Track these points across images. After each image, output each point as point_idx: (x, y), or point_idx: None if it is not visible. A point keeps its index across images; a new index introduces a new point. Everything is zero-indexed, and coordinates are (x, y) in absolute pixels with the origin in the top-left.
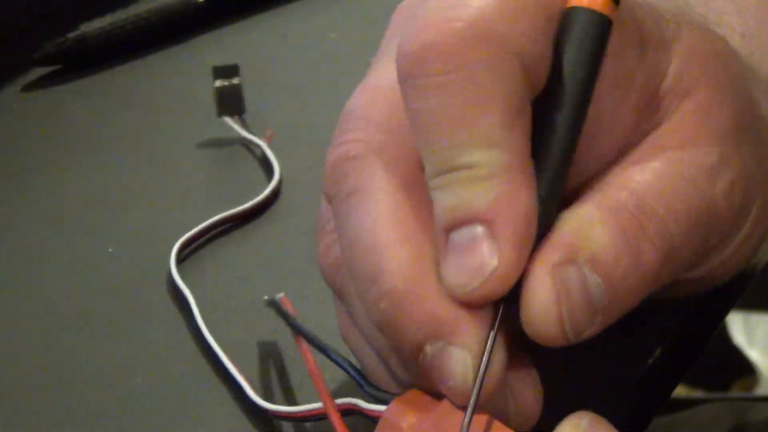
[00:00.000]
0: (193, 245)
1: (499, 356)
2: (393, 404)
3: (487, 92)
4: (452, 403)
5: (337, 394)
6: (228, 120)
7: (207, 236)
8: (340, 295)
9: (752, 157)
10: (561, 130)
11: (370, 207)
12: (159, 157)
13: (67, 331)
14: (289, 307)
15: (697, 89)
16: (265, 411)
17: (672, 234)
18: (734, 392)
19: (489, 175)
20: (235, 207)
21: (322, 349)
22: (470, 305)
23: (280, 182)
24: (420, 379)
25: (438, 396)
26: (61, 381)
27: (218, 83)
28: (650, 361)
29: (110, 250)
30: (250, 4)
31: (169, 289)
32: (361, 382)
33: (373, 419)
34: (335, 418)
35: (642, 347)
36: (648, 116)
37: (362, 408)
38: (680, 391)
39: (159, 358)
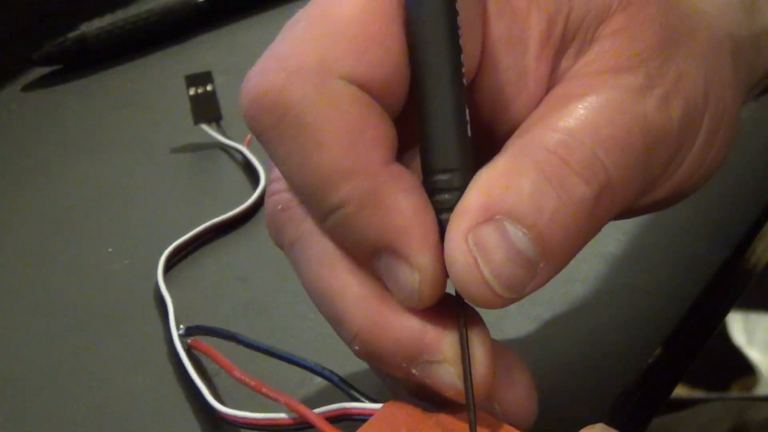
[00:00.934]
0: (184, 251)
1: (481, 352)
2: (391, 402)
3: (319, 128)
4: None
5: (319, 402)
6: (205, 127)
7: (196, 243)
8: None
9: (691, 65)
10: (438, 101)
11: (311, 256)
12: (159, 157)
13: (67, 331)
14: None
15: (612, 13)
16: (228, 420)
17: (603, 162)
18: (734, 392)
19: (360, 207)
20: (235, 204)
21: (294, 361)
22: (429, 313)
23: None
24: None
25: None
26: (60, 381)
27: (192, 91)
28: (650, 361)
29: (110, 250)
30: (250, 4)
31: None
32: (343, 386)
33: (365, 419)
34: (323, 425)
35: (642, 347)
36: (564, 55)
37: (353, 410)
38: (680, 391)
39: (155, 359)
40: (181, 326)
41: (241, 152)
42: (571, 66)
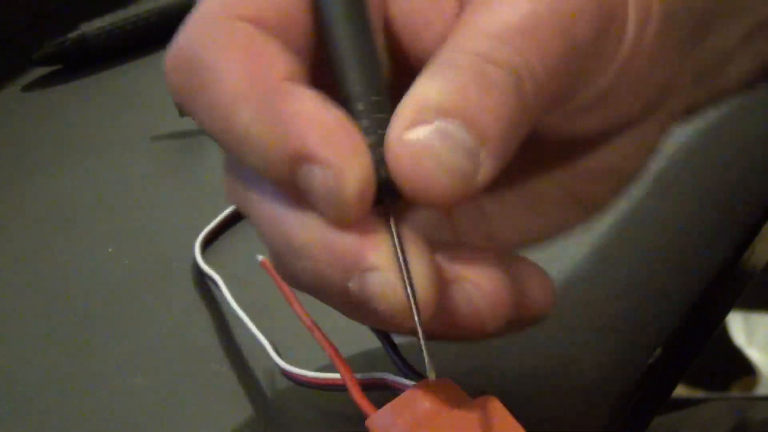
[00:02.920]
0: (213, 240)
1: (419, 263)
2: (424, 381)
3: (218, 66)
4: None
5: (366, 367)
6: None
7: (227, 226)
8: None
9: None
10: (340, 33)
11: (253, 206)
12: (159, 157)
13: (67, 331)
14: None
15: None
16: (290, 377)
17: (519, 51)
18: (734, 392)
19: (263, 123)
20: None
21: None
22: (359, 225)
23: None
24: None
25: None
26: (60, 381)
27: None
28: (650, 361)
29: (110, 250)
30: None
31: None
32: (395, 357)
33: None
34: (355, 390)
35: (642, 347)
36: None
37: (393, 382)
38: (680, 391)
39: (163, 357)
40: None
41: None
42: None
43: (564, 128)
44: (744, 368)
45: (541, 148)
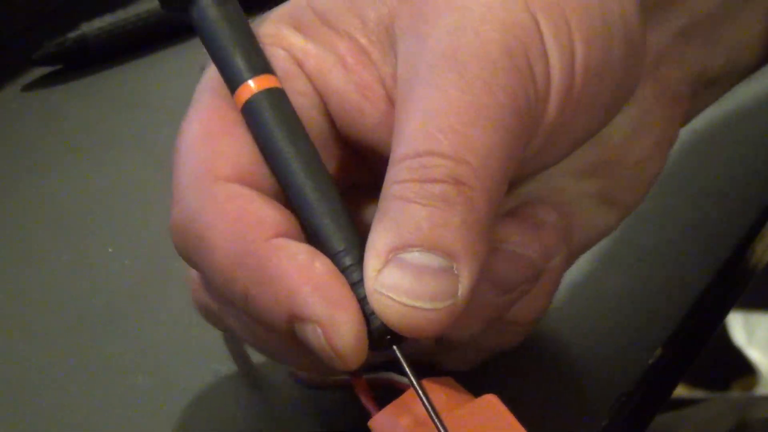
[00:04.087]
0: None
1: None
2: (426, 380)
3: (210, 234)
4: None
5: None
6: None
7: None
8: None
9: None
10: (299, 198)
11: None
12: (159, 157)
13: (67, 331)
14: None
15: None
16: (294, 377)
17: (459, 148)
18: (734, 392)
19: (256, 286)
20: None
21: None
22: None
23: None
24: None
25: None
26: (60, 381)
27: None
28: (650, 361)
29: (110, 250)
30: (249, 4)
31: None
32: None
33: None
34: (361, 389)
35: (642, 347)
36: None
37: (395, 380)
38: (680, 391)
39: (163, 357)
40: None
41: None
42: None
43: (536, 163)
44: (744, 368)
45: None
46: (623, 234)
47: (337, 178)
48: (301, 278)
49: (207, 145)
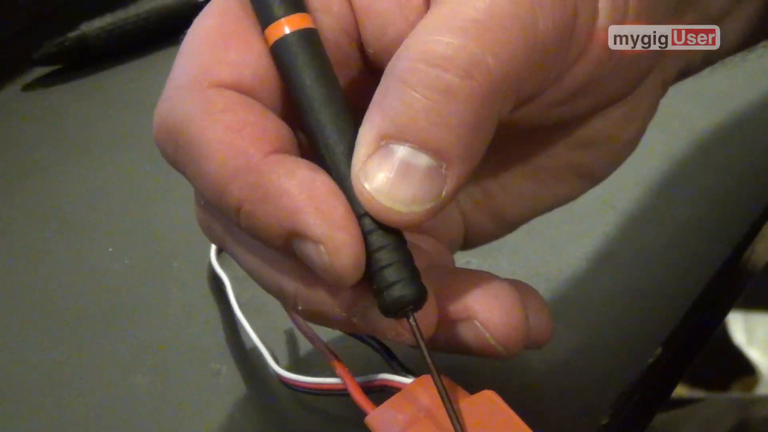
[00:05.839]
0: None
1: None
2: (420, 378)
3: (202, 140)
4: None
5: (363, 371)
6: None
7: None
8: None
9: None
10: (318, 128)
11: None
12: (159, 157)
13: (67, 331)
14: None
15: None
16: (290, 385)
17: (459, 46)
18: (734, 392)
19: (252, 202)
20: None
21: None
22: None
23: None
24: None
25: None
26: (61, 381)
27: None
28: (650, 361)
29: (110, 250)
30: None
31: (173, 285)
32: (387, 358)
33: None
34: (355, 390)
35: (642, 347)
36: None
37: (393, 382)
38: (680, 391)
39: (163, 357)
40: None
41: None
42: None
43: (550, 114)
44: (744, 368)
45: (534, 128)
46: (623, 234)
47: (358, 109)
48: (301, 196)
49: (212, 48)
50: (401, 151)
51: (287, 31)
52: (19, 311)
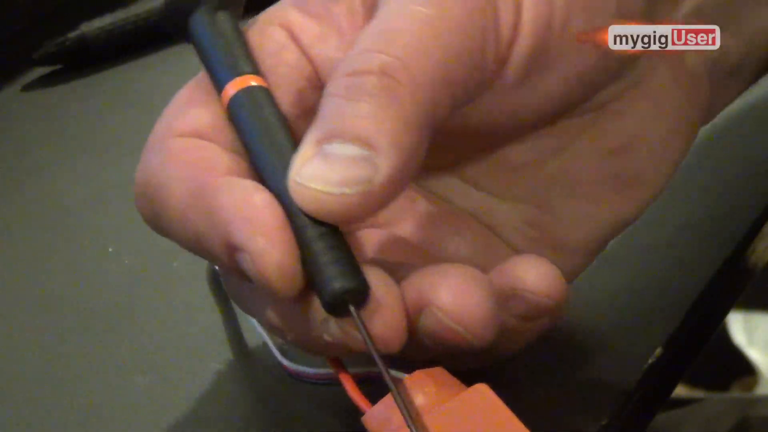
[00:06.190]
0: None
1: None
2: (416, 373)
3: (166, 183)
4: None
5: (359, 362)
6: None
7: None
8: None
9: None
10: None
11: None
12: None
13: (68, 331)
14: None
15: None
16: (293, 375)
17: (370, 49)
18: (734, 392)
19: (202, 218)
20: None
21: None
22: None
23: None
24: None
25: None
26: (61, 381)
27: None
28: (650, 361)
29: (110, 250)
30: (249, 4)
31: (170, 285)
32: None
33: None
34: (349, 385)
35: (642, 347)
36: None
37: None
38: (680, 391)
39: (163, 356)
40: None
41: None
42: None
43: (532, 105)
44: (744, 368)
45: (541, 133)
46: (623, 234)
47: None
48: (236, 210)
49: (177, 109)
50: (332, 147)
51: (232, 92)
52: (19, 311)
